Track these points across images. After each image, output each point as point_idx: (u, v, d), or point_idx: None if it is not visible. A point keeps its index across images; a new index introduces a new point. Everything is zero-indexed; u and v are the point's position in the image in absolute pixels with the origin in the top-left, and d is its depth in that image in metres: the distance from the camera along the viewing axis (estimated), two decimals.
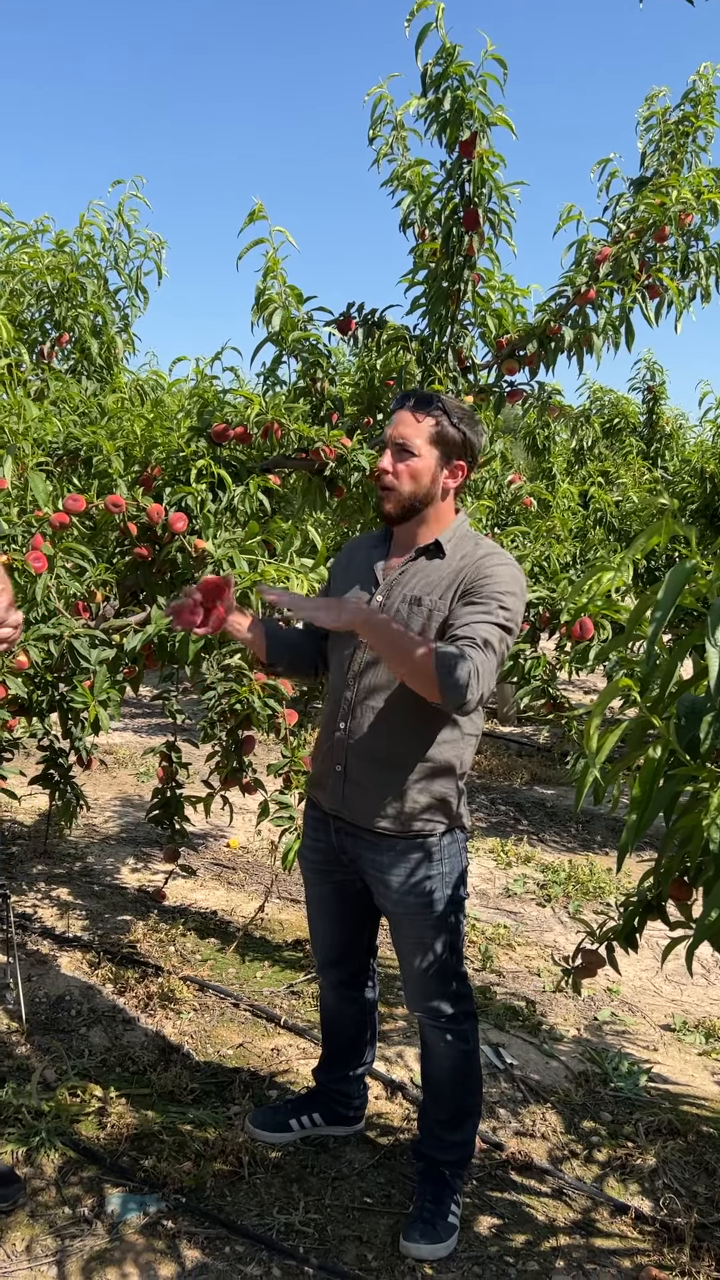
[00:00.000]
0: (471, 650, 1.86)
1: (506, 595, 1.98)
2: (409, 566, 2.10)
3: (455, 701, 1.86)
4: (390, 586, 2.09)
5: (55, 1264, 2.05)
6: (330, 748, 2.15)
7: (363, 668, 2.09)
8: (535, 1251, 2.20)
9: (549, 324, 3.34)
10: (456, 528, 2.12)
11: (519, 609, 2.00)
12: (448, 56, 3.01)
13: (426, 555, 2.09)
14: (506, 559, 2.06)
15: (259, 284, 3.29)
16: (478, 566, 2.01)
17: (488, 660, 1.88)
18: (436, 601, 2.01)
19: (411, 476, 2.05)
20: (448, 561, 2.06)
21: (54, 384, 3.83)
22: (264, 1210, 2.25)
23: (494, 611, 1.95)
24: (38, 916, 3.66)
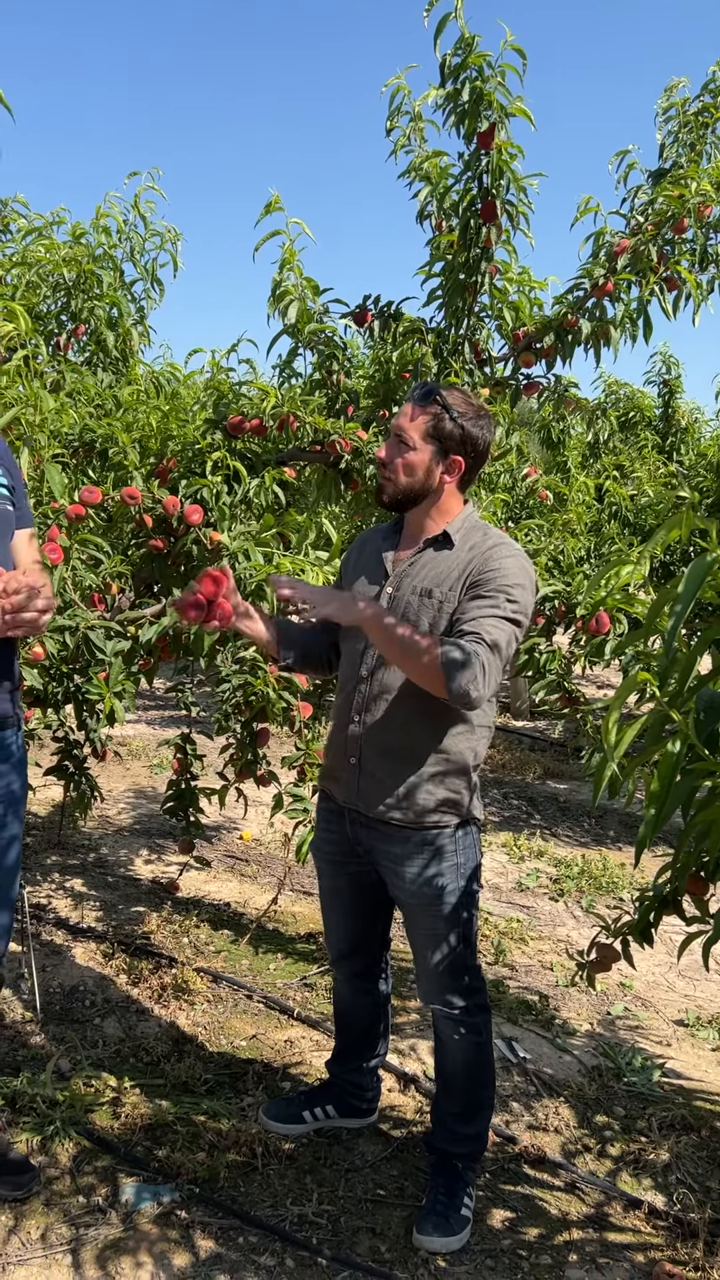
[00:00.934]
0: (477, 646, 1.87)
1: (514, 588, 1.97)
2: (418, 558, 2.09)
3: (461, 699, 1.87)
4: (400, 578, 2.09)
5: (70, 1252, 2.06)
6: (344, 741, 2.15)
7: (376, 662, 2.09)
8: (548, 1245, 2.20)
9: (566, 316, 3.32)
10: (465, 518, 2.11)
11: (528, 601, 2.00)
12: (466, 47, 3.00)
13: (435, 546, 2.09)
14: (514, 549, 2.05)
15: (275, 276, 3.29)
16: (485, 558, 2.01)
17: (494, 656, 1.88)
18: (446, 593, 2.01)
19: (405, 469, 2.05)
20: (456, 552, 2.06)
21: (70, 376, 3.83)
22: (277, 1201, 2.25)
23: (501, 605, 1.95)
24: (52, 907, 3.67)
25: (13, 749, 2.06)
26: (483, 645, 1.87)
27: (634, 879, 4.46)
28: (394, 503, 2.10)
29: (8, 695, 2.02)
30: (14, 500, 2.06)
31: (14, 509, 2.05)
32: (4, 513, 2.01)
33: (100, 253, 4.23)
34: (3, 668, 1.99)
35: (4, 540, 2.02)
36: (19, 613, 1.81)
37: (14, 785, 2.07)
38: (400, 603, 2.06)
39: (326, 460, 3.25)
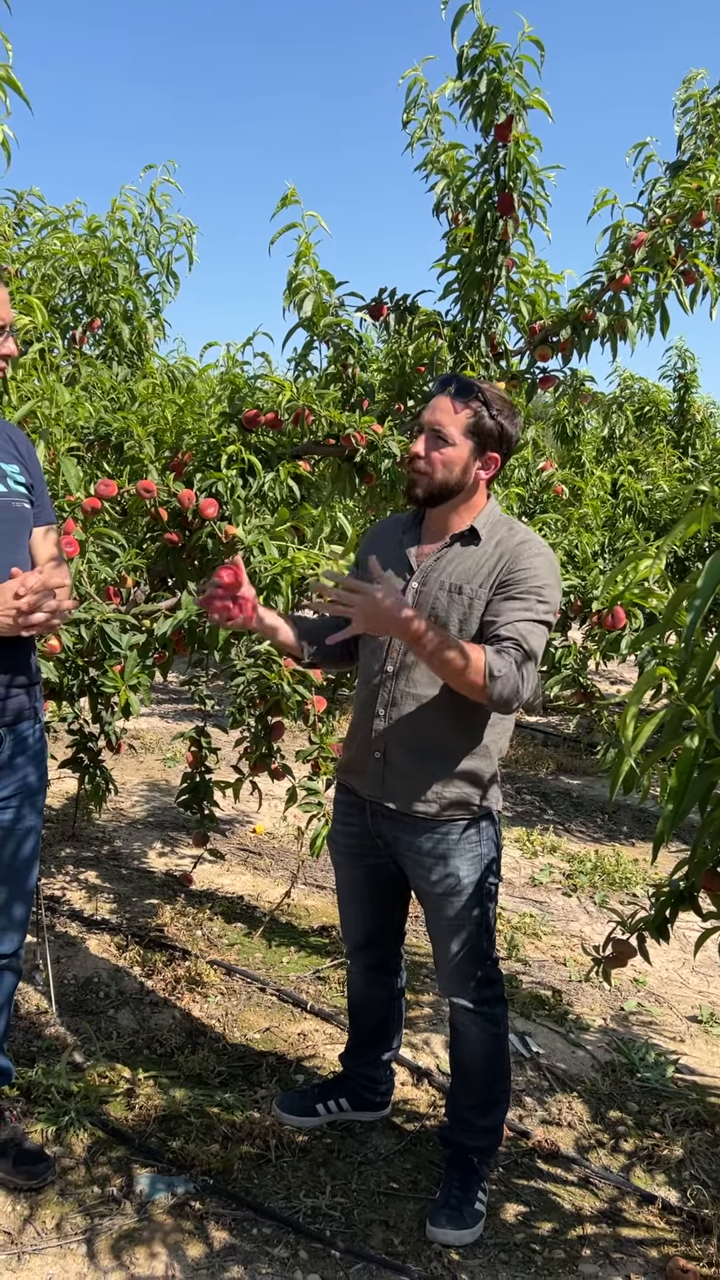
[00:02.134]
0: (515, 651, 1.89)
1: (545, 588, 1.99)
2: (444, 553, 2.09)
3: (502, 704, 1.90)
4: (426, 573, 2.08)
5: (85, 1242, 2.07)
6: (368, 735, 2.14)
7: (401, 656, 2.09)
8: (562, 1240, 2.20)
9: (583, 310, 3.31)
10: (490, 513, 2.11)
11: (557, 600, 2.02)
12: (484, 38, 2.98)
13: (462, 541, 2.08)
14: (542, 547, 2.05)
15: (291, 269, 3.28)
16: (515, 555, 2.01)
17: (531, 661, 1.92)
18: (477, 590, 2.01)
19: (444, 464, 2.04)
20: (484, 547, 2.05)
21: (85, 369, 3.83)
22: (291, 1193, 2.26)
23: (534, 607, 1.97)
24: (66, 899, 3.69)
25: (29, 741, 2.07)
26: (519, 649, 1.90)
27: (647, 875, 4.45)
28: (427, 498, 2.08)
29: (23, 690, 2.03)
30: (32, 498, 2.06)
31: (31, 506, 2.05)
32: (21, 510, 2.02)
33: (116, 246, 4.23)
34: (20, 663, 2.00)
35: (21, 537, 2.03)
36: (32, 613, 1.81)
37: (30, 778, 2.08)
38: (427, 598, 2.05)
39: (341, 454, 3.25)
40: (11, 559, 1.95)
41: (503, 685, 1.86)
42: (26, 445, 2.13)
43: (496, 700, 1.89)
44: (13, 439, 2.10)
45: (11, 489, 2.00)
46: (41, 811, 2.15)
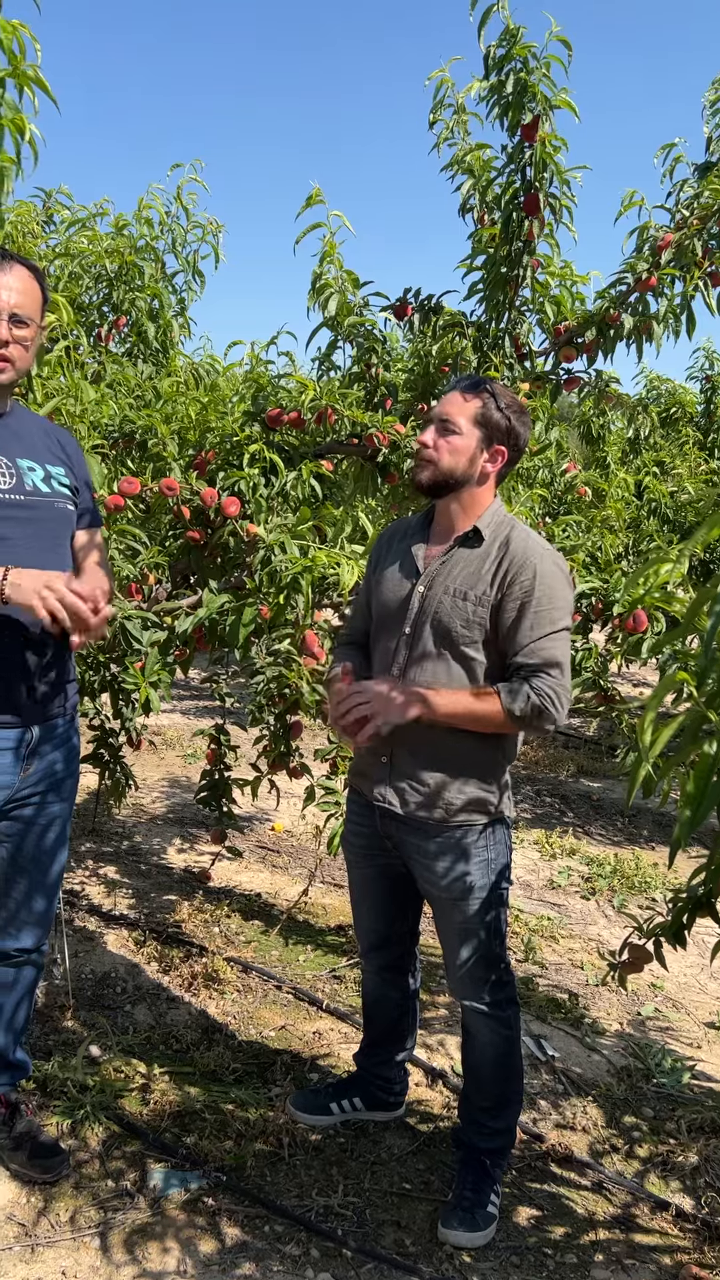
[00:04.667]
0: (547, 682, 1.96)
1: (557, 594, 2.03)
2: (450, 556, 2.09)
3: (541, 729, 2.00)
4: (432, 578, 2.09)
5: (98, 1235, 2.09)
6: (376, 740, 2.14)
7: (407, 662, 2.09)
8: (574, 1244, 2.20)
9: (609, 311, 3.29)
10: (493, 513, 2.12)
11: (569, 599, 2.06)
12: (511, 38, 2.97)
13: (466, 544, 2.09)
14: (546, 549, 2.08)
15: (315, 269, 3.29)
16: (522, 564, 2.01)
17: (564, 679, 1.99)
18: (481, 595, 2.03)
19: (451, 451, 2.05)
20: (486, 548, 2.07)
21: (110, 367, 3.85)
22: (303, 1192, 2.26)
23: (555, 620, 2.01)
24: (85, 894, 3.71)
25: (58, 725, 2.07)
26: (551, 676, 1.97)
27: (667, 879, 4.42)
28: (432, 486, 2.09)
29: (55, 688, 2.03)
30: (76, 500, 2.07)
31: (75, 508, 2.07)
32: (63, 511, 2.03)
33: (142, 244, 4.25)
34: (53, 663, 2.00)
35: (63, 538, 2.04)
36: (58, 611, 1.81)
37: (57, 765, 2.08)
38: (433, 602, 2.06)
39: (364, 453, 3.25)
40: (53, 559, 1.97)
41: (529, 715, 1.95)
42: (74, 447, 2.14)
43: (533, 727, 1.99)
44: (60, 441, 2.11)
45: (55, 490, 2.01)
46: (69, 800, 2.15)
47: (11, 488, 1.92)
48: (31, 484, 1.97)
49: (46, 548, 1.96)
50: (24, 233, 4.09)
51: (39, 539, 1.95)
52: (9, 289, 1.88)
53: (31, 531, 1.93)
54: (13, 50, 2.03)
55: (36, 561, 1.88)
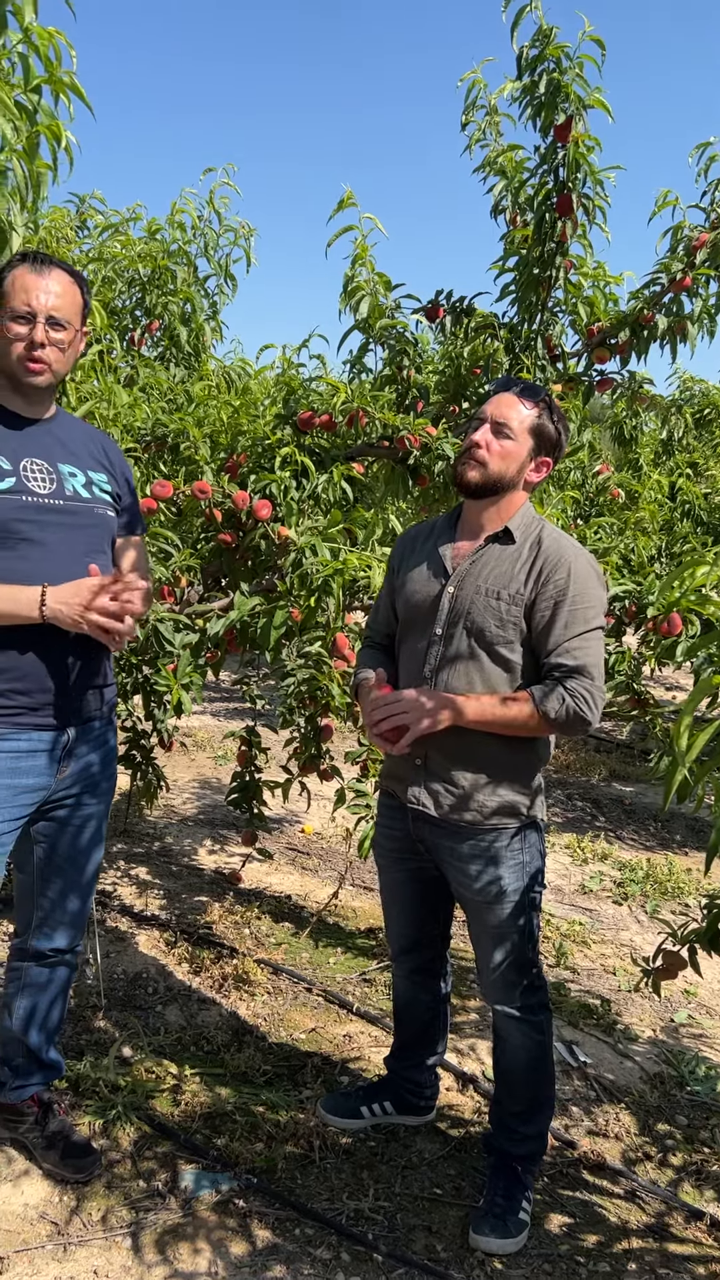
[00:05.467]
0: (581, 684, 1.95)
1: (593, 597, 2.03)
2: (480, 555, 2.09)
3: (575, 731, 1.99)
4: (462, 577, 2.08)
5: (130, 1235, 2.09)
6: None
7: (439, 663, 2.09)
8: (607, 1253, 2.18)
9: (642, 311, 3.27)
10: (524, 513, 2.12)
11: (604, 598, 2.07)
12: (544, 38, 2.96)
13: (497, 542, 2.08)
14: (578, 550, 2.07)
15: (347, 271, 3.29)
16: (554, 561, 2.01)
17: (598, 679, 1.98)
18: (514, 595, 2.02)
19: (502, 456, 2.05)
20: (518, 548, 2.07)
21: (143, 371, 3.87)
22: (334, 1195, 2.26)
23: (590, 621, 2.00)
24: (117, 894, 3.73)
25: (94, 726, 2.08)
26: (587, 676, 1.96)
27: (701, 885, 4.38)
28: (478, 488, 2.08)
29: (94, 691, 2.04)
30: (118, 506, 2.09)
31: (116, 515, 2.08)
32: (104, 517, 2.04)
33: (175, 248, 4.27)
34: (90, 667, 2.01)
35: (103, 544, 2.05)
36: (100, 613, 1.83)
37: (93, 767, 2.09)
38: (464, 602, 2.05)
39: (395, 456, 3.25)
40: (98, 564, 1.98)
41: (563, 718, 1.95)
42: (117, 454, 2.16)
43: (567, 730, 1.99)
44: (104, 448, 2.13)
45: (96, 496, 2.03)
46: (105, 801, 2.16)
47: (51, 493, 1.94)
48: (72, 489, 1.98)
49: (84, 553, 1.97)
50: (58, 238, 4.12)
51: (77, 544, 1.96)
52: (46, 292, 1.89)
53: (70, 536, 1.95)
54: (49, 57, 2.05)
55: (71, 567, 1.90)
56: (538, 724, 1.97)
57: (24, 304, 1.88)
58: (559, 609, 1.98)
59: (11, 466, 1.91)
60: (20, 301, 1.88)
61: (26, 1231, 2.08)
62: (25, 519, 1.89)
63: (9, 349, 1.90)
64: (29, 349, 1.89)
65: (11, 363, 1.91)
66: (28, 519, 1.90)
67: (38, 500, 1.92)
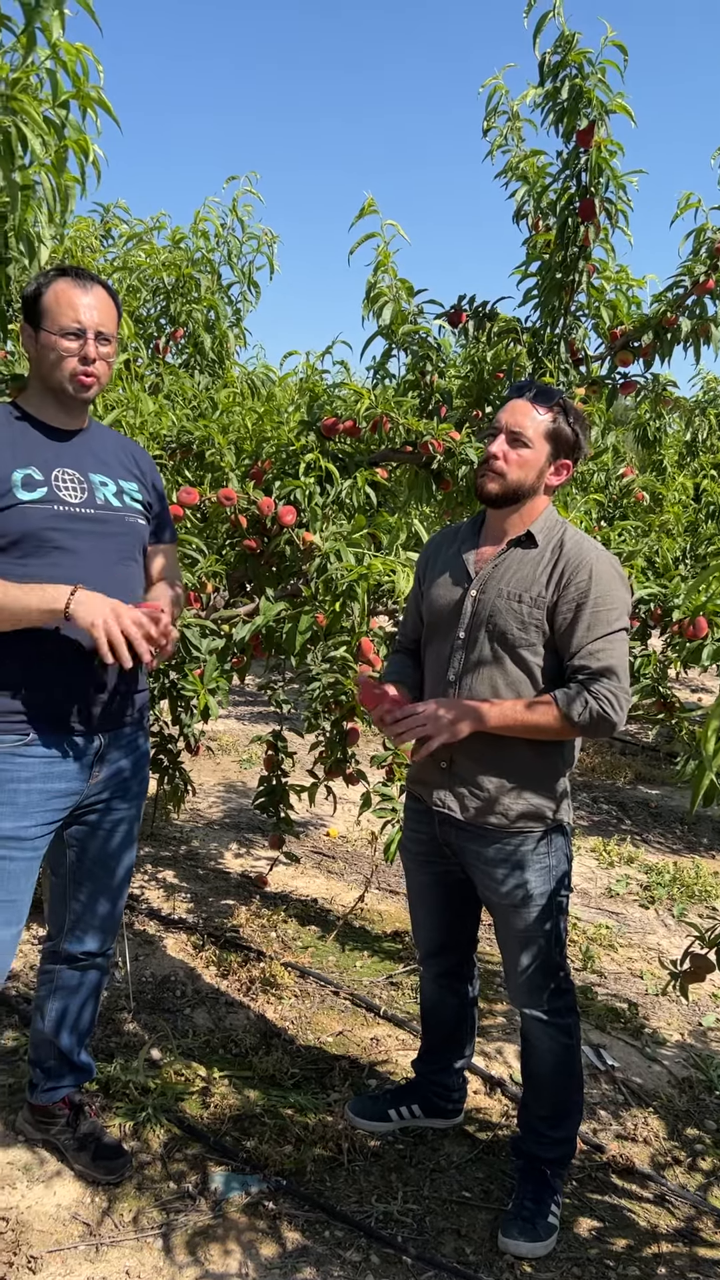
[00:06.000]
0: (606, 686, 1.96)
1: (616, 599, 2.03)
2: (502, 559, 2.10)
3: (600, 733, 1.99)
4: (485, 581, 2.09)
5: (161, 1236, 2.11)
6: None
7: (463, 668, 2.10)
8: (636, 1257, 2.18)
9: (665, 314, 3.27)
10: (547, 517, 2.13)
11: (628, 599, 2.07)
12: (566, 44, 2.97)
13: (520, 546, 2.09)
14: (600, 551, 2.08)
15: (370, 278, 3.30)
16: (579, 564, 2.02)
17: (622, 680, 1.98)
18: (536, 597, 2.03)
19: (520, 465, 2.05)
20: (541, 551, 2.08)
21: (168, 378, 3.90)
22: (363, 1198, 2.27)
23: (613, 623, 2.01)
24: (145, 898, 3.76)
25: (126, 731, 2.10)
26: (611, 678, 1.97)
27: None
28: (499, 498, 2.10)
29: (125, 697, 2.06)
30: (148, 514, 2.11)
31: (147, 523, 2.10)
32: (135, 526, 2.06)
33: (199, 257, 4.30)
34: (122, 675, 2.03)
35: (134, 552, 2.08)
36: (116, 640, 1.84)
37: (125, 771, 2.11)
38: (486, 606, 2.06)
39: (418, 460, 3.26)
40: (121, 572, 2.01)
41: (587, 721, 1.96)
42: (148, 463, 2.18)
43: (593, 733, 1.99)
44: (135, 457, 2.15)
45: (127, 504, 2.05)
46: (135, 805, 2.17)
47: (82, 501, 1.97)
48: (103, 498, 2.01)
49: (114, 561, 2.00)
50: (83, 247, 4.17)
51: (107, 552, 1.99)
52: (92, 308, 1.92)
53: (100, 545, 1.97)
54: (76, 72, 2.08)
55: (103, 574, 1.92)
56: (562, 727, 1.97)
57: (74, 320, 1.90)
58: (581, 611, 1.98)
59: (44, 477, 1.93)
60: (70, 318, 1.90)
61: (59, 1232, 2.11)
62: (57, 528, 1.92)
63: (60, 364, 1.92)
64: (83, 364, 1.92)
65: (60, 377, 1.94)
66: (60, 528, 1.92)
67: (69, 509, 1.94)
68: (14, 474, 1.90)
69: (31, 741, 1.91)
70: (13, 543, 1.89)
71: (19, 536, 1.89)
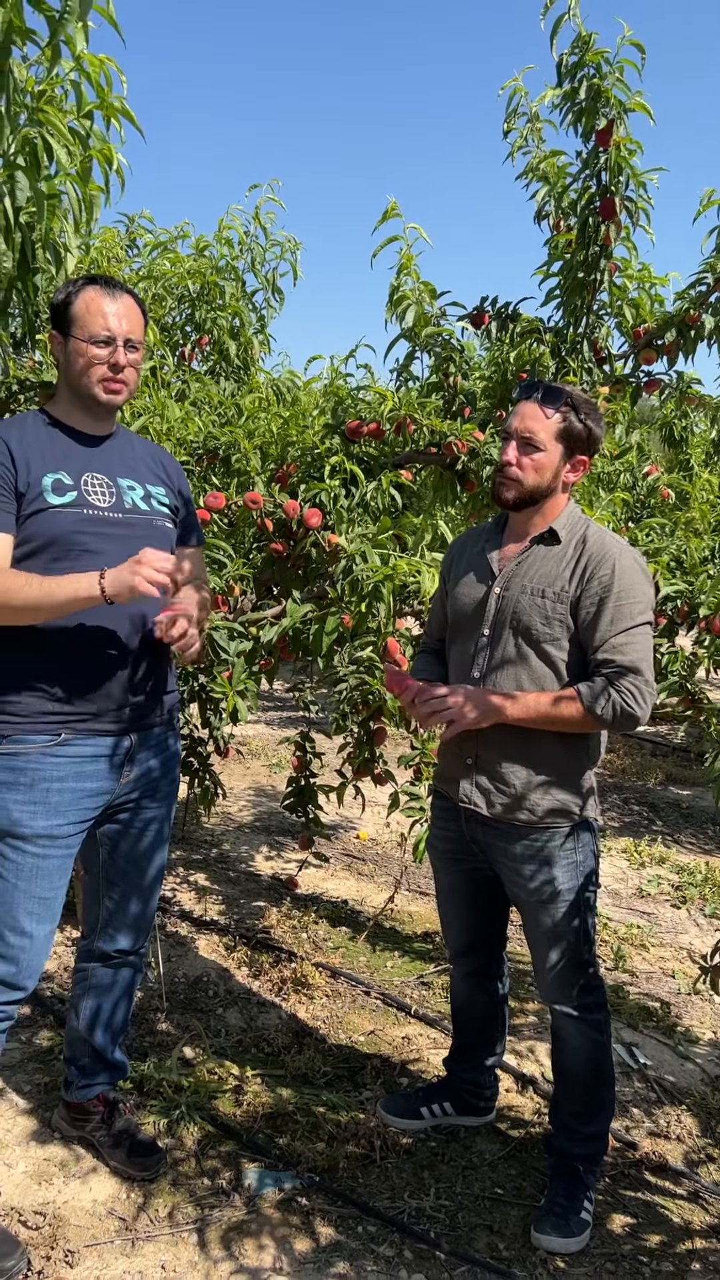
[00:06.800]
0: (629, 680, 1.96)
1: (636, 589, 2.03)
2: (525, 556, 2.11)
3: (623, 727, 2.00)
4: (508, 578, 2.11)
5: (196, 1231, 2.13)
6: (460, 741, 2.16)
7: (487, 666, 2.11)
8: (670, 1253, 2.17)
9: (688, 312, 3.26)
10: (569, 514, 2.14)
11: (651, 594, 2.08)
12: (583, 45, 2.97)
13: (542, 543, 2.11)
14: (623, 547, 2.08)
15: (393, 281, 3.32)
16: (599, 559, 2.02)
17: (646, 674, 1.98)
18: (560, 592, 2.05)
19: (535, 470, 2.07)
20: (564, 547, 2.09)
21: (194, 385, 3.94)
22: (395, 1194, 2.28)
23: (636, 617, 2.01)
24: (177, 900, 3.79)
25: (155, 731, 2.13)
26: (635, 673, 1.97)
27: None
28: (518, 503, 2.12)
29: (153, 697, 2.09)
30: (175, 518, 2.15)
31: (174, 527, 2.14)
32: (163, 529, 2.10)
33: (223, 264, 4.34)
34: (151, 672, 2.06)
35: None
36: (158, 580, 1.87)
37: (154, 772, 2.14)
38: (510, 602, 2.07)
39: (442, 462, 3.27)
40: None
41: (611, 715, 1.96)
42: (175, 468, 2.22)
43: (617, 727, 2.00)
44: (162, 462, 2.19)
45: (154, 508, 2.09)
46: (166, 805, 2.19)
47: (111, 505, 2.00)
48: (131, 502, 2.04)
49: None
50: (109, 257, 4.22)
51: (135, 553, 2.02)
52: (121, 316, 1.96)
53: (128, 547, 2.00)
54: (100, 83, 2.12)
55: None
56: (585, 720, 1.98)
57: (103, 328, 1.94)
58: (604, 605, 1.99)
59: (73, 481, 1.97)
60: (99, 326, 1.94)
61: (95, 1227, 2.13)
62: (86, 531, 1.96)
63: (89, 371, 1.96)
64: (114, 370, 1.96)
65: (89, 384, 1.97)
66: (88, 531, 1.96)
67: (98, 513, 1.98)
68: (45, 479, 1.94)
69: (63, 742, 1.95)
70: (43, 546, 1.93)
71: (50, 540, 1.93)
